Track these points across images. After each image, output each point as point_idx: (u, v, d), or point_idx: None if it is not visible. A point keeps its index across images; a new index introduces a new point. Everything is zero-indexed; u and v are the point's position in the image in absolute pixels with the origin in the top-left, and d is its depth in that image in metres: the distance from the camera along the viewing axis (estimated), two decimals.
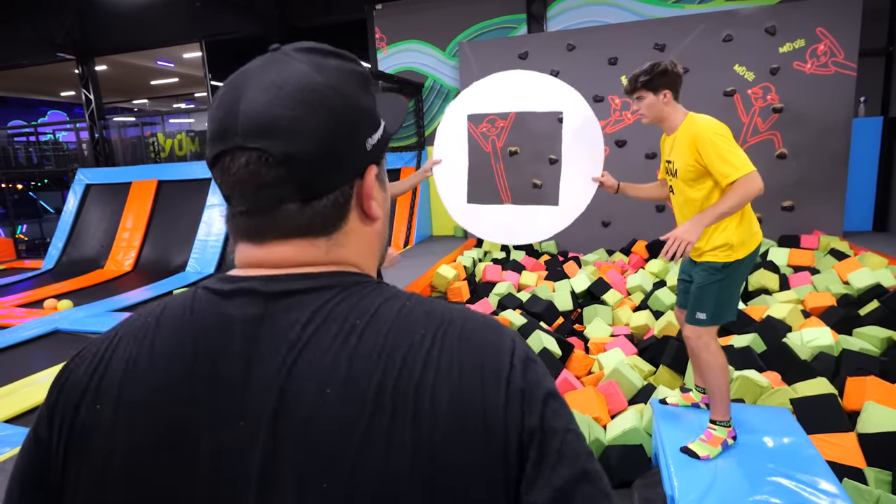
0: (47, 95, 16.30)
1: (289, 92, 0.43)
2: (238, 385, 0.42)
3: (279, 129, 0.42)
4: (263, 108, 0.43)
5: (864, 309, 3.67)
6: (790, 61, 5.75)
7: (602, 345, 3.56)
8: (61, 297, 6.37)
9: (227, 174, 0.44)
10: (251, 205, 0.45)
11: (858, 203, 6.19)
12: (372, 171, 0.49)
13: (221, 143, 0.44)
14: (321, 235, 0.47)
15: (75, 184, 9.19)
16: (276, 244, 0.46)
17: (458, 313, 0.47)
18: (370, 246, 0.51)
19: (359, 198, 0.49)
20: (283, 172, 0.43)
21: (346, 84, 0.46)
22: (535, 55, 6.57)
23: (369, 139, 0.48)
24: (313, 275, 0.46)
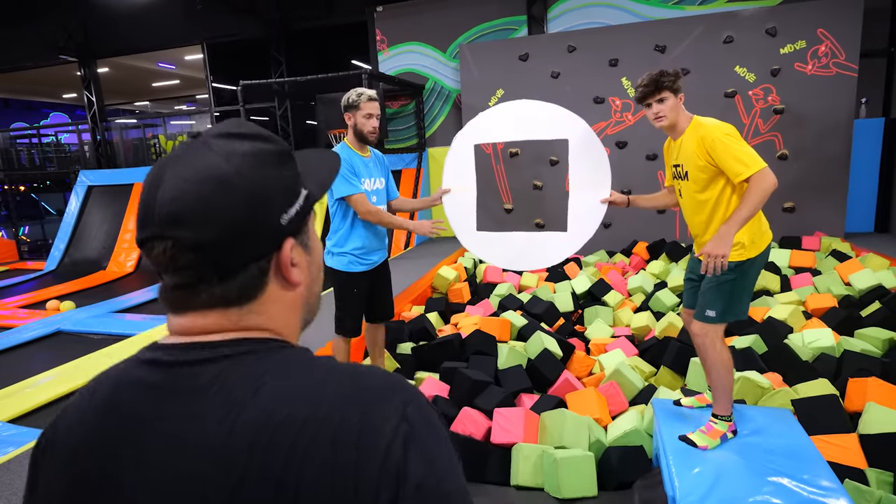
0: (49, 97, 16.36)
1: (196, 183, 0.47)
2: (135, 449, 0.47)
3: (188, 218, 0.46)
4: (174, 200, 0.47)
5: (866, 310, 3.67)
6: (791, 62, 5.75)
7: (603, 346, 3.56)
8: (64, 298, 6.38)
9: (150, 258, 0.49)
10: (174, 283, 0.50)
11: (860, 204, 6.18)
12: (288, 244, 0.52)
13: (143, 230, 0.49)
14: (235, 306, 0.50)
15: (77, 185, 9.22)
16: (193, 315, 0.50)
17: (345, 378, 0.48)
18: (291, 309, 0.55)
19: (277, 268, 0.52)
20: (195, 258, 0.47)
21: (255, 167, 0.49)
22: (536, 57, 6.58)
23: (284, 214, 0.51)
24: (214, 344, 0.49)
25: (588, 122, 2.59)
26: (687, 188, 2.14)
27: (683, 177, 2.14)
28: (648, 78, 2.07)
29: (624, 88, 6.31)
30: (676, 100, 2.06)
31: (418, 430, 0.45)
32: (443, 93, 7.60)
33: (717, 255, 1.91)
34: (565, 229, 2.52)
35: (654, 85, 2.06)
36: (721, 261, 1.91)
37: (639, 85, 2.11)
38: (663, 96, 2.06)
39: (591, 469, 2.21)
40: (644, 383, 2.95)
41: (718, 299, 2.06)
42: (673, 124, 2.10)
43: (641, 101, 2.13)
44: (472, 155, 2.65)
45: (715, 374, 2.10)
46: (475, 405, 2.71)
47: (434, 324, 3.95)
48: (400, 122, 7.75)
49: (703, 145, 2.00)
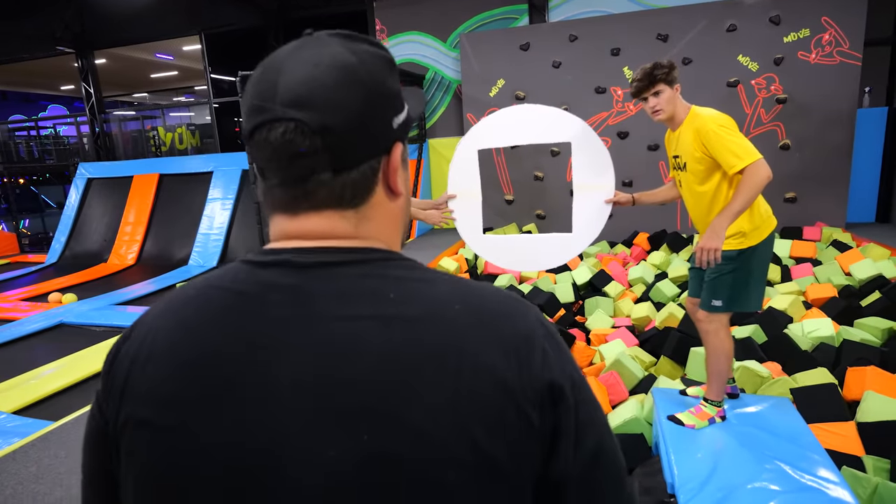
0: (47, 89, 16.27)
1: (325, 69, 0.46)
2: (275, 349, 0.44)
3: (317, 101, 0.45)
4: (302, 82, 0.46)
5: (866, 300, 3.67)
6: (794, 51, 5.71)
7: (603, 336, 3.58)
8: (65, 290, 6.40)
9: (263, 145, 0.47)
10: (285, 175, 0.47)
11: (861, 194, 6.17)
12: (398, 149, 0.52)
13: (260, 115, 0.47)
14: (350, 207, 0.49)
15: (77, 178, 9.20)
16: (308, 216, 0.49)
17: (481, 290, 0.50)
18: (394, 221, 0.54)
19: (385, 173, 0.51)
20: (319, 142, 0.45)
21: (376, 66, 0.49)
22: (537, 46, 6.54)
23: (396, 118, 0.51)
24: (344, 249, 0.48)
25: (589, 113, 2.60)
26: (686, 179, 2.15)
27: (682, 168, 2.14)
28: (642, 72, 2.06)
29: (626, 78, 6.27)
30: (672, 91, 2.05)
31: (555, 334, 0.49)
32: (443, 83, 7.56)
33: (709, 249, 1.91)
34: (570, 230, 2.54)
35: (648, 79, 2.05)
36: (714, 254, 1.91)
37: (633, 80, 2.10)
38: (658, 89, 2.05)
39: None
40: (644, 373, 2.97)
41: (722, 289, 2.07)
42: (671, 116, 2.09)
43: (637, 96, 2.12)
44: (476, 161, 2.66)
45: (714, 360, 2.14)
46: None
47: None
48: None
49: (698, 137, 2.00)
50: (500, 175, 6.95)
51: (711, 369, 2.16)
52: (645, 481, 2.09)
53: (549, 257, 2.67)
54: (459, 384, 0.43)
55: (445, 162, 7.47)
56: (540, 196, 6.84)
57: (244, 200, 7.82)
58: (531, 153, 6.70)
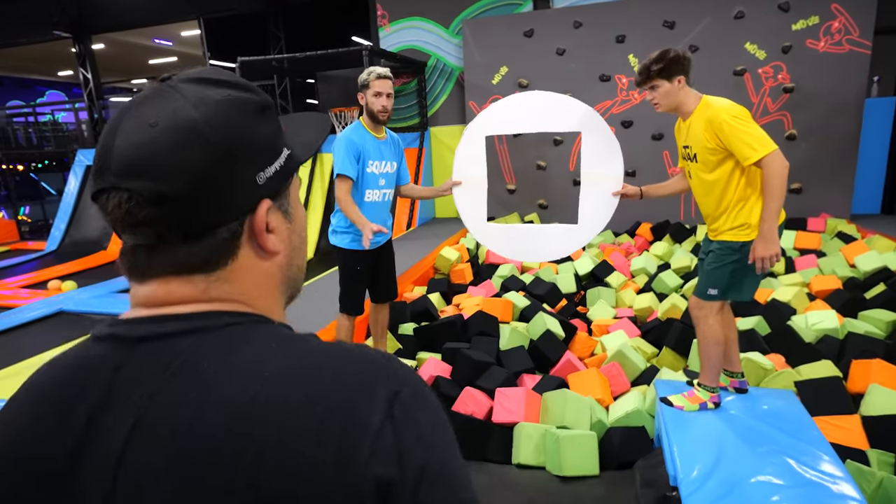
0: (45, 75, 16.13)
1: (160, 130, 0.42)
2: (82, 435, 0.41)
3: (148, 169, 0.41)
4: (134, 147, 0.42)
5: (871, 292, 3.65)
6: (803, 39, 5.61)
7: (605, 327, 3.56)
8: (65, 278, 6.38)
9: (105, 212, 0.44)
10: (132, 242, 0.44)
11: (867, 185, 6.10)
12: (263, 206, 0.46)
13: (98, 182, 0.43)
14: (200, 273, 0.45)
15: (76, 165, 9.15)
16: (153, 282, 0.45)
17: (327, 357, 0.43)
18: (268, 281, 0.49)
19: (251, 234, 0.47)
20: (156, 213, 0.42)
21: (230, 118, 0.44)
22: (541, 33, 6.44)
23: (261, 174, 0.46)
24: (182, 316, 0.44)
25: (593, 101, 2.56)
26: (696, 169, 2.13)
27: (692, 158, 2.12)
28: (641, 65, 2.08)
29: (630, 66, 6.18)
30: (671, 85, 2.03)
31: (414, 415, 0.41)
32: (445, 70, 7.46)
33: (768, 257, 1.93)
34: (576, 222, 2.50)
35: (644, 73, 2.06)
36: (774, 259, 1.93)
37: (637, 70, 2.12)
38: (655, 84, 2.05)
39: (594, 448, 2.22)
40: (646, 364, 2.95)
41: (721, 279, 2.06)
42: (672, 109, 2.09)
43: (637, 87, 2.15)
44: (483, 148, 2.61)
45: (704, 347, 2.17)
46: (477, 385, 2.71)
47: (436, 305, 3.94)
48: (402, 100, 7.62)
49: (710, 128, 1.97)
50: (503, 164, 6.89)
51: (702, 356, 2.20)
52: (647, 474, 2.08)
53: (553, 248, 2.64)
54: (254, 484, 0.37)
55: (447, 150, 7.41)
56: (542, 186, 6.78)
57: None
58: (534, 142, 6.63)
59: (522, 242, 2.78)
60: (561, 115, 2.52)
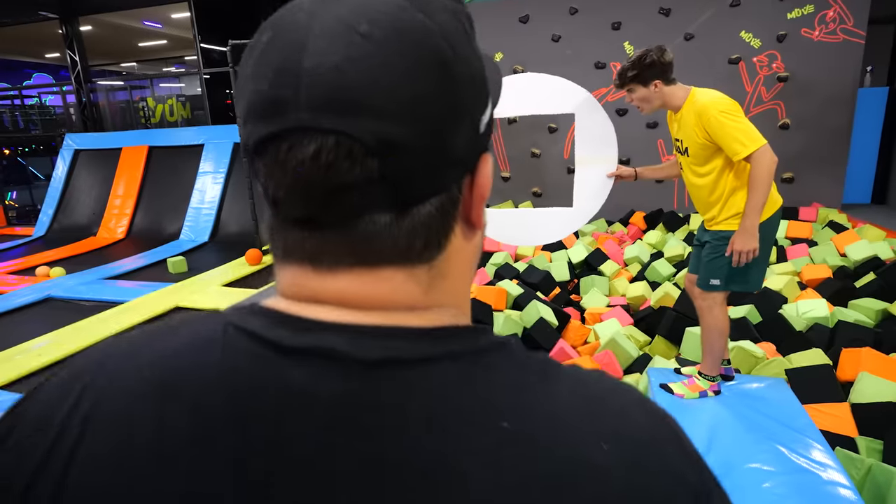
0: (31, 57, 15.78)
1: (382, 40, 0.28)
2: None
3: (371, 100, 0.27)
4: (343, 67, 0.27)
5: (860, 281, 3.68)
6: (798, 28, 5.59)
7: (598, 315, 3.57)
8: (53, 264, 6.30)
9: (283, 169, 0.29)
10: (318, 213, 0.30)
11: (858, 175, 6.14)
12: (488, 162, 0.35)
13: (274, 122, 0.28)
14: (421, 262, 0.32)
15: (64, 149, 8.99)
16: (352, 273, 0.31)
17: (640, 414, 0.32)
18: (469, 270, 0.36)
19: (467, 202, 0.34)
20: (376, 168, 0.28)
21: (460, 31, 0.31)
22: (536, 19, 6.37)
23: (483, 116, 0.33)
24: (425, 332, 0.30)
25: (588, 88, 2.52)
26: (687, 162, 2.13)
27: (684, 152, 2.12)
28: (620, 70, 2.10)
29: (626, 53, 6.14)
30: (648, 90, 2.03)
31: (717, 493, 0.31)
32: None
33: (746, 251, 1.93)
34: (570, 205, 2.48)
35: (620, 80, 2.09)
36: (752, 254, 1.94)
37: (618, 72, 2.14)
38: (630, 88, 2.06)
39: None
40: (639, 352, 2.96)
41: (720, 269, 2.07)
42: (658, 108, 2.09)
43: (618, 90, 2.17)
44: None
45: (708, 336, 2.17)
46: None
47: None
48: None
49: (699, 122, 1.96)
50: (497, 151, 6.85)
51: (705, 345, 2.20)
52: None
53: (549, 231, 2.63)
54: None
55: None
56: (536, 173, 6.76)
57: (236, 174, 7.69)
58: (528, 129, 6.59)
59: (517, 227, 2.76)
60: (554, 97, 2.49)
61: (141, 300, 4.71)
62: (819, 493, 1.65)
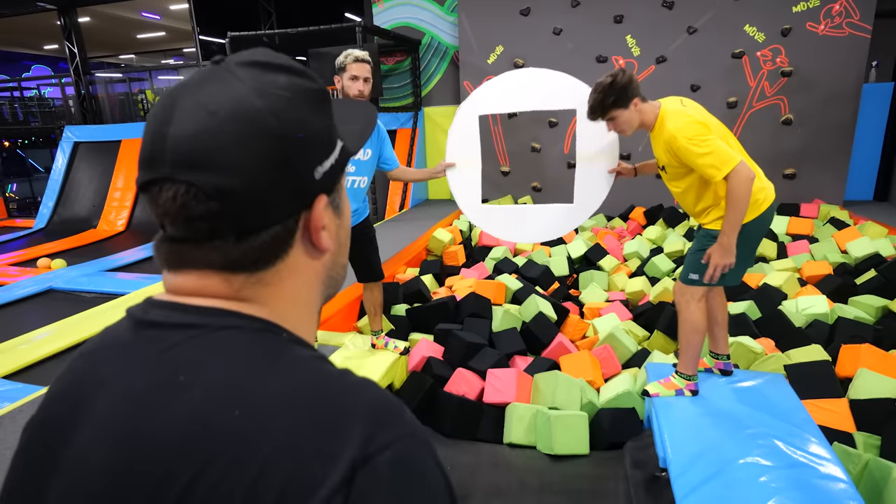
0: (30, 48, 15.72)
1: (222, 119, 0.39)
2: (79, 410, 0.41)
3: (210, 160, 0.39)
4: (193, 136, 0.39)
5: (861, 278, 3.67)
6: (803, 22, 5.55)
7: (597, 310, 3.57)
8: (54, 256, 6.31)
9: (155, 204, 0.41)
10: (182, 235, 0.42)
11: (861, 172, 6.11)
12: (321, 202, 0.44)
13: (150, 172, 0.40)
14: (244, 271, 0.42)
15: (63, 142, 8.97)
16: (191, 273, 0.43)
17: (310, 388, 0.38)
18: (312, 281, 0.47)
19: (305, 230, 0.44)
20: (215, 207, 0.39)
21: (292, 107, 0.41)
22: (538, 12, 6.32)
23: (319, 167, 0.43)
24: (190, 308, 0.42)
25: (589, 83, 2.50)
26: (667, 178, 2.12)
27: (662, 169, 2.11)
28: (593, 100, 2.01)
29: (628, 47, 6.10)
30: (629, 110, 1.98)
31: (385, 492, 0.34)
32: (440, 49, 7.33)
33: (723, 265, 1.93)
34: (571, 201, 2.47)
35: (598, 110, 2.01)
36: (727, 268, 1.94)
37: (588, 101, 2.04)
38: (612, 116, 2.00)
39: (584, 428, 2.24)
40: (637, 347, 2.96)
41: (701, 264, 2.03)
42: (638, 128, 2.04)
43: (593, 121, 2.07)
44: (476, 128, 2.55)
45: (683, 332, 2.15)
46: (469, 366, 2.72)
47: (429, 286, 3.93)
48: (395, 79, 7.50)
49: (670, 150, 1.94)
50: (497, 146, 6.83)
51: (681, 342, 2.17)
52: (636, 455, 2.10)
53: (549, 228, 2.62)
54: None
55: (441, 131, 7.32)
56: (536, 168, 6.74)
57: None
58: (528, 124, 6.56)
59: (518, 223, 2.75)
60: (556, 92, 2.48)
61: (142, 292, 4.71)
62: (816, 487, 1.65)
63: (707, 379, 2.29)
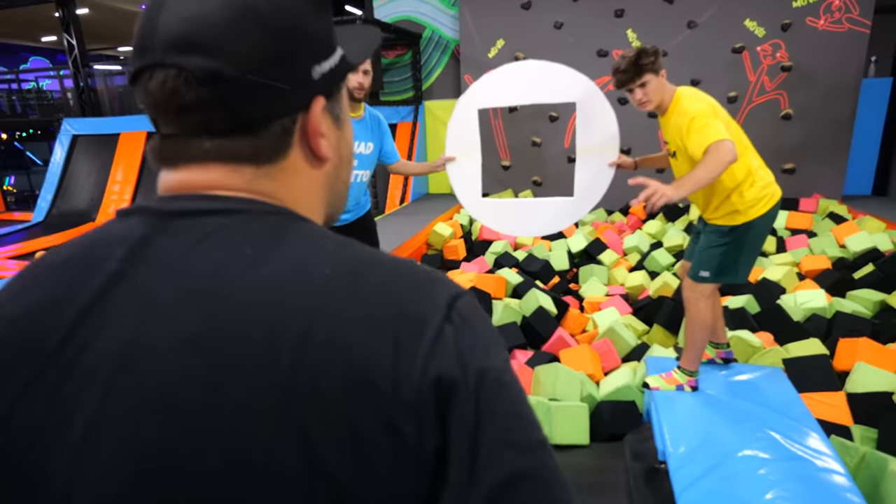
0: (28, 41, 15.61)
1: (216, 4, 0.38)
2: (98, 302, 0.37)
3: (201, 44, 0.37)
4: (185, 20, 0.38)
5: (859, 272, 3.69)
6: (803, 17, 5.54)
7: (597, 304, 3.58)
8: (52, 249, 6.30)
9: (146, 94, 0.39)
10: (174, 130, 0.41)
11: (859, 167, 6.12)
12: (318, 104, 0.43)
13: (140, 59, 0.39)
14: (248, 163, 0.41)
15: (62, 134, 8.93)
16: (192, 167, 0.41)
17: (382, 258, 0.41)
18: (313, 189, 0.46)
19: (303, 133, 0.43)
20: (206, 94, 0.38)
21: (290, 2, 0.41)
22: (538, 6, 6.30)
23: (316, 66, 0.42)
24: (221, 197, 0.40)
25: (590, 77, 2.49)
26: (676, 166, 2.10)
27: (672, 155, 2.09)
28: (626, 62, 1.93)
29: (629, 41, 6.09)
30: (659, 79, 1.94)
31: (472, 322, 0.38)
32: (441, 43, 7.30)
33: (660, 194, 1.72)
34: (572, 194, 2.48)
35: (634, 69, 1.92)
36: (660, 200, 1.73)
37: (616, 70, 1.97)
38: (645, 80, 1.93)
39: (585, 418, 2.26)
40: (637, 341, 2.98)
41: (711, 261, 2.04)
42: (658, 105, 2.00)
43: (621, 87, 2.00)
44: (476, 121, 2.54)
45: (690, 329, 2.14)
46: None
47: None
48: (395, 73, 7.47)
49: (681, 130, 1.92)
50: (497, 140, 6.82)
51: (688, 338, 2.17)
52: (636, 447, 2.12)
53: (549, 222, 2.62)
54: (297, 369, 0.33)
55: (441, 125, 7.30)
56: (537, 162, 6.74)
57: None
58: (529, 118, 6.55)
59: (518, 217, 2.75)
60: (557, 85, 2.46)
61: None
62: (814, 480, 1.67)
63: (706, 372, 2.30)
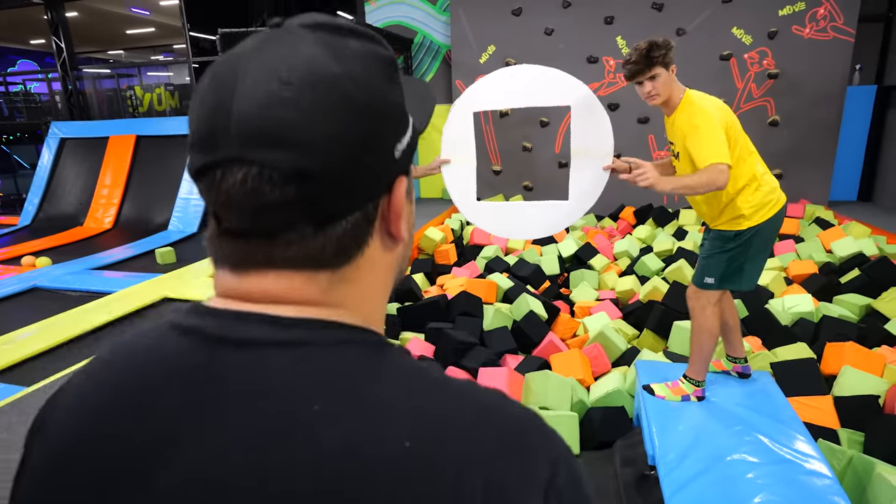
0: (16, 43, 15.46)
1: (299, 86, 0.33)
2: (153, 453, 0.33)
3: (285, 135, 0.33)
4: (265, 106, 0.33)
5: (845, 277, 3.73)
6: (789, 25, 5.63)
7: (588, 309, 3.59)
8: (39, 254, 6.21)
9: (216, 192, 0.34)
10: (248, 227, 0.35)
11: (845, 173, 6.22)
12: (402, 184, 0.39)
13: (209, 153, 0.34)
14: (328, 268, 0.36)
15: (49, 137, 8.84)
16: (260, 274, 0.36)
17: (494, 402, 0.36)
18: (385, 277, 0.41)
19: (384, 218, 0.39)
20: (293, 193, 0.33)
21: (371, 75, 0.36)
22: (530, 12, 6.35)
23: (398, 144, 0.38)
24: (286, 321, 0.35)
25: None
26: (679, 168, 2.07)
27: (676, 156, 2.06)
28: (637, 53, 1.89)
29: (618, 48, 6.15)
30: (669, 74, 1.90)
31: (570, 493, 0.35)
32: (432, 48, 7.33)
33: (646, 177, 1.78)
34: (566, 198, 2.49)
35: (645, 61, 1.87)
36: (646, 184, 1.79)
37: (627, 62, 1.93)
38: (655, 73, 1.89)
39: (574, 428, 2.25)
40: (627, 346, 2.99)
41: (716, 268, 2.02)
42: (666, 100, 1.96)
43: (631, 79, 1.95)
44: (471, 124, 2.56)
45: (698, 338, 2.11)
46: (460, 365, 2.72)
47: (420, 285, 3.93)
48: None
49: (685, 137, 1.90)
50: (489, 144, 6.84)
51: (694, 347, 2.13)
52: (626, 453, 2.12)
53: (543, 225, 2.62)
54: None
55: (433, 130, 7.30)
56: (528, 167, 6.77)
57: None
58: (520, 123, 6.58)
59: (513, 220, 2.76)
60: (551, 89, 2.48)
61: (128, 291, 4.66)
62: (801, 483, 1.68)
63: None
